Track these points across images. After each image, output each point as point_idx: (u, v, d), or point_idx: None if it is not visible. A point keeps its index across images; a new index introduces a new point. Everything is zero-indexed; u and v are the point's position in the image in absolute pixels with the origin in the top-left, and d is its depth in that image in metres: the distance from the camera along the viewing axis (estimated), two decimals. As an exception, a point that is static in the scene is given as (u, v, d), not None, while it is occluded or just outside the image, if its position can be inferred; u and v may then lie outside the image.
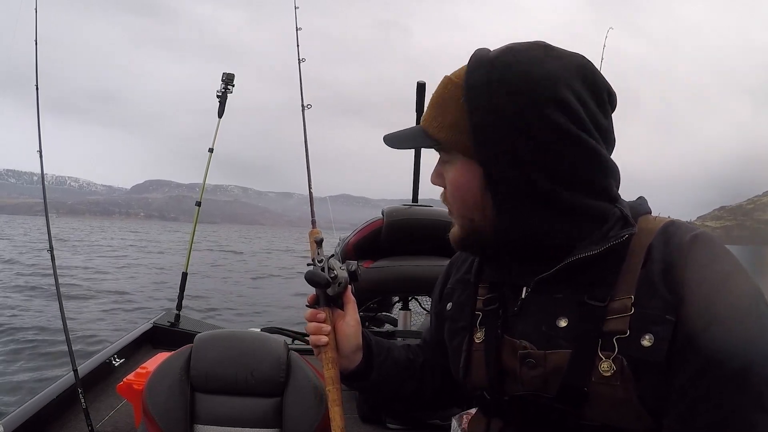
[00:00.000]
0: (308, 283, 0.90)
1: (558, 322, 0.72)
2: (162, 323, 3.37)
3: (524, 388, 0.74)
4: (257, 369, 1.49)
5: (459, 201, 0.79)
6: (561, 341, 0.71)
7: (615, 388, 0.66)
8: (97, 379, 2.53)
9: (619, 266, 0.70)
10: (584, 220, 0.73)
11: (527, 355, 0.74)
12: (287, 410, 1.47)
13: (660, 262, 0.67)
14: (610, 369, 0.66)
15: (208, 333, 1.58)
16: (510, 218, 0.74)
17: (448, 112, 0.76)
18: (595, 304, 0.69)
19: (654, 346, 0.64)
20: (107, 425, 2.24)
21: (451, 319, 0.92)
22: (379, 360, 0.93)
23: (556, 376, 0.70)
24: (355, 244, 2.27)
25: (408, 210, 2.22)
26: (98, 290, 10.65)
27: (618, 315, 0.67)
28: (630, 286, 0.68)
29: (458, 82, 0.75)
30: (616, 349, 0.66)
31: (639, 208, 0.77)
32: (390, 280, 2.14)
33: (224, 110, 3.65)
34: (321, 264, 0.91)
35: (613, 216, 0.73)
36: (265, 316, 9.02)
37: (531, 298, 0.77)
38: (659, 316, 0.64)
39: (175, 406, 1.43)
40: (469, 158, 0.75)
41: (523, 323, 0.77)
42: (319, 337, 0.88)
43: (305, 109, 1.97)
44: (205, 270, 16.26)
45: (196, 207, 3.84)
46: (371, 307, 2.41)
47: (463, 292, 0.91)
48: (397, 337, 2.08)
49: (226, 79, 3.61)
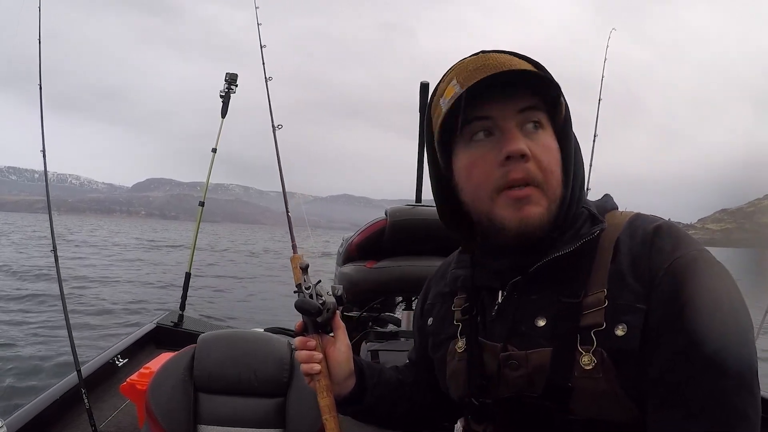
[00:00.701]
0: (299, 311, 0.89)
1: (536, 322, 0.73)
2: (165, 323, 3.37)
3: (509, 390, 0.74)
4: (260, 369, 1.48)
5: (553, 174, 0.71)
6: (541, 340, 0.71)
7: (597, 380, 0.66)
8: (100, 379, 2.54)
9: (590, 263, 0.71)
10: (567, 220, 0.75)
11: (509, 357, 0.74)
12: (290, 411, 1.46)
13: (627, 255, 0.69)
14: (591, 362, 0.67)
15: (212, 333, 1.58)
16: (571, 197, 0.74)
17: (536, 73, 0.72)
18: (570, 301, 0.70)
19: (627, 335, 0.65)
20: (110, 425, 2.24)
21: (433, 333, 0.92)
22: (372, 383, 0.93)
23: (539, 375, 0.71)
24: (359, 244, 2.27)
25: (411, 210, 2.22)
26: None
27: (593, 309, 0.68)
28: (602, 280, 0.69)
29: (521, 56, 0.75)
30: (595, 343, 0.67)
31: (605, 205, 0.79)
32: (393, 280, 2.14)
33: (227, 110, 3.65)
34: (309, 291, 0.90)
35: (581, 216, 0.75)
36: (269, 317, 9.02)
37: (507, 302, 0.77)
38: (630, 305, 0.66)
39: (179, 407, 1.43)
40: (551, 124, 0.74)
41: (501, 326, 0.77)
42: (311, 366, 0.87)
43: (276, 130, 1.88)
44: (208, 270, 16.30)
45: (199, 207, 3.84)
46: (374, 308, 2.40)
47: (443, 306, 0.92)
48: (401, 337, 2.08)
49: (229, 79, 3.61)
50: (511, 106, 0.70)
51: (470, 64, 0.73)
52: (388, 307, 2.69)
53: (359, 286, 2.18)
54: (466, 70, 0.72)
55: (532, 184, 0.70)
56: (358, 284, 2.18)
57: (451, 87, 0.73)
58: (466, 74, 0.71)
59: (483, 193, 0.73)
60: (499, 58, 0.71)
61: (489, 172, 0.71)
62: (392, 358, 1.84)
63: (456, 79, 0.72)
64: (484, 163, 0.72)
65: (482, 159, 0.72)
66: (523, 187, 0.69)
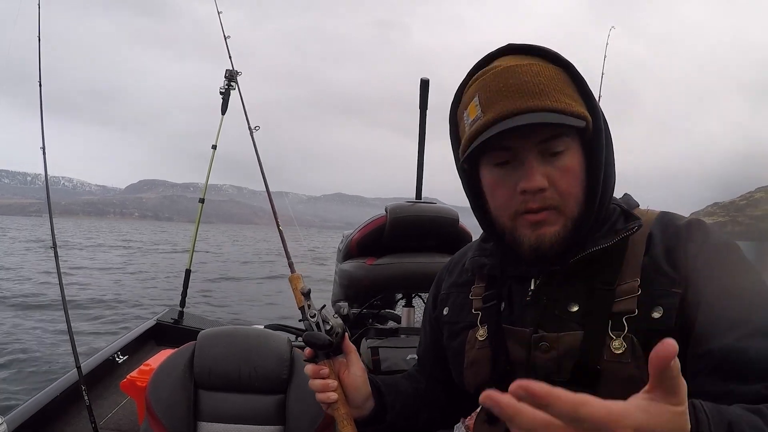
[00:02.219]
0: (309, 346, 0.87)
1: (570, 307, 0.75)
2: (165, 320, 3.37)
3: (537, 375, 0.75)
4: (261, 366, 1.48)
5: (571, 195, 0.74)
6: (573, 324, 0.74)
7: (626, 365, 0.68)
8: (100, 376, 2.54)
9: (622, 255, 0.75)
10: (600, 214, 0.78)
11: (541, 339, 0.75)
12: (290, 407, 1.46)
13: (661, 247, 0.74)
14: (621, 346, 0.69)
15: (212, 330, 1.58)
16: (597, 210, 0.76)
17: (565, 88, 0.73)
18: (604, 288, 0.73)
19: (663, 316, 0.69)
20: (111, 422, 2.25)
21: (449, 322, 0.92)
22: (390, 400, 0.92)
23: (569, 359, 0.73)
24: (359, 241, 2.26)
25: (411, 207, 2.21)
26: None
27: (626, 296, 0.71)
28: (635, 271, 0.73)
29: (549, 66, 0.74)
30: (626, 328, 0.70)
31: (630, 202, 0.84)
32: (393, 276, 2.13)
33: (227, 107, 3.64)
34: (314, 318, 0.87)
35: (614, 212, 0.80)
36: (269, 313, 9.02)
37: (541, 289, 0.79)
38: (665, 290, 0.70)
39: (179, 403, 1.42)
40: (579, 138, 0.75)
41: (533, 312, 0.79)
42: (327, 395, 0.85)
43: (254, 132, 1.85)
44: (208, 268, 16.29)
45: (199, 204, 3.84)
46: (374, 304, 2.40)
47: (459, 295, 0.92)
48: (401, 334, 2.08)
49: (229, 76, 3.59)
50: (533, 138, 0.72)
51: (493, 81, 0.73)
52: (388, 303, 2.69)
53: (359, 283, 2.18)
54: (488, 89, 0.73)
55: (548, 209, 0.74)
56: (359, 281, 2.17)
57: (473, 106, 0.75)
58: (488, 95, 0.73)
59: (505, 213, 0.78)
60: (523, 78, 0.72)
61: (509, 197, 0.76)
62: (392, 355, 1.84)
63: (479, 97, 0.74)
64: (505, 188, 0.76)
65: (503, 184, 0.76)
66: (539, 212, 0.74)
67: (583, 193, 0.75)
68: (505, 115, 0.70)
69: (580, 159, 0.75)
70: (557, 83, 0.73)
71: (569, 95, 0.73)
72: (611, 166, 0.78)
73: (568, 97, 0.72)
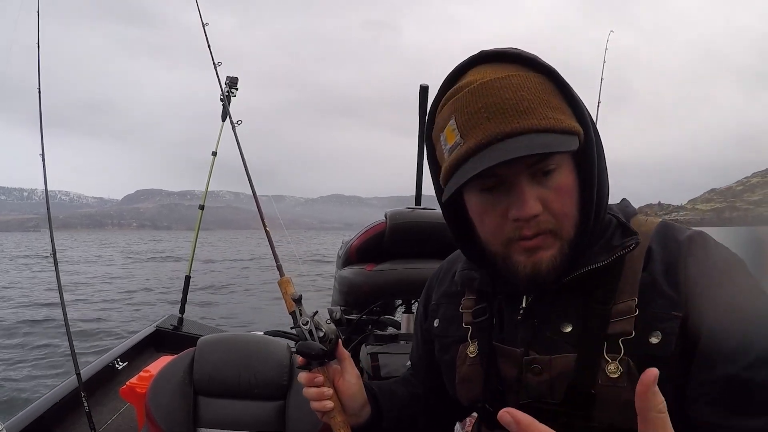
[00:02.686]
0: (302, 356, 0.85)
1: (562, 327, 0.71)
2: (165, 326, 3.37)
3: (529, 396, 0.73)
4: (260, 372, 1.48)
5: (566, 216, 0.69)
6: (566, 345, 0.70)
7: (622, 390, 0.65)
8: (100, 382, 2.54)
9: (620, 271, 0.70)
10: (596, 228, 0.73)
11: (532, 361, 0.73)
12: (290, 413, 1.46)
13: (660, 263, 0.69)
14: (617, 371, 0.66)
15: (211, 336, 1.58)
16: (592, 226, 0.71)
17: (551, 99, 0.67)
18: (599, 308, 0.69)
19: (662, 341, 0.64)
20: (110, 429, 2.24)
21: (439, 335, 0.90)
22: (387, 405, 0.92)
23: (561, 381, 0.70)
24: (358, 247, 2.27)
25: (411, 213, 2.22)
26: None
27: (622, 317, 0.67)
28: (633, 289, 0.68)
29: (524, 72, 0.68)
30: (622, 351, 0.66)
31: (628, 210, 0.78)
32: (393, 282, 2.13)
33: (227, 114, 3.65)
34: (307, 326, 0.86)
35: (610, 224, 0.74)
36: (269, 319, 8.99)
37: (533, 307, 0.75)
38: (666, 313, 0.65)
39: (178, 410, 1.42)
40: (570, 154, 0.68)
41: (524, 331, 0.75)
42: (323, 404, 0.83)
43: (236, 126, 1.79)
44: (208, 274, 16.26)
45: (199, 210, 3.84)
46: (374, 310, 2.40)
47: (449, 306, 0.89)
48: (401, 340, 2.08)
49: (229, 82, 3.61)
50: (520, 162, 0.65)
51: (470, 101, 0.67)
52: (388, 310, 2.69)
53: (359, 289, 2.18)
54: (465, 110, 0.67)
55: (543, 234, 0.68)
56: (358, 287, 2.18)
57: (450, 130, 0.69)
58: (465, 118, 0.67)
59: (496, 240, 0.71)
60: (503, 94, 0.65)
61: (501, 224, 0.70)
62: (392, 361, 1.84)
63: (455, 120, 0.68)
64: (495, 215, 0.70)
65: (493, 211, 0.70)
66: (533, 238, 0.68)
67: (578, 211, 0.70)
68: (487, 141, 0.64)
69: (573, 174, 0.69)
70: (542, 95, 0.66)
71: (556, 107, 0.67)
72: (604, 173, 0.73)
73: (556, 110, 0.66)
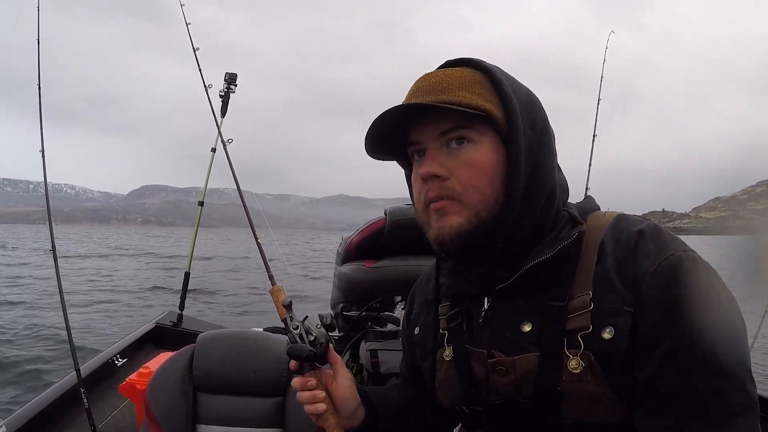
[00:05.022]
0: (291, 359, 0.87)
1: (522, 327, 0.73)
2: (164, 323, 3.37)
3: (499, 397, 0.75)
4: (260, 369, 1.48)
5: (475, 188, 0.72)
6: (527, 345, 0.72)
7: (586, 383, 0.67)
8: (99, 379, 2.53)
9: (574, 265, 0.71)
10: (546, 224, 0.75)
11: (496, 363, 0.74)
12: (290, 410, 1.46)
13: (612, 257, 0.69)
14: (579, 366, 0.67)
15: (211, 333, 1.58)
16: (520, 209, 0.72)
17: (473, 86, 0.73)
18: (556, 305, 0.70)
19: (615, 337, 0.65)
20: (110, 425, 2.24)
21: (419, 342, 0.92)
22: (382, 408, 0.93)
23: (527, 381, 0.71)
24: (358, 243, 2.27)
25: (410, 209, 2.21)
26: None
27: (579, 312, 0.68)
28: (587, 283, 0.69)
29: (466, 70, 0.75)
30: (582, 346, 0.67)
31: (587, 206, 0.80)
32: (392, 279, 2.14)
33: (227, 110, 3.65)
34: (297, 330, 0.87)
35: (562, 219, 0.76)
36: (268, 316, 9.01)
37: (493, 308, 0.77)
38: (617, 308, 0.66)
39: (178, 406, 1.43)
40: (495, 135, 0.73)
41: (488, 333, 0.77)
42: (316, 406, 0.85)
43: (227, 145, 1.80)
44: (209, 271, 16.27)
45: (198, 207, 3.84)
46: (374, 307, 2.40)
47: (428, 314, 0.91)
48: (400, 337, 2.08)
49: (228, 78, 3.61)
50: (432, 131, 0.74)
51: (416, 84, 0.77)
52: (388, 306, 2.69)
53: (358, 286, 2.18)
54: (411, 90, 0.77)
55: (447, 198, 0.73)
56: (358, 284, 2.18)
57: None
58: (409, 95, 0.76)
59: (419, 206, 0.79)
60: (433, 80, 0.74)
61: (419, 189, 0.77)
62: (392, 357, 1.85)
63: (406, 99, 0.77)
64: (416, 181, 0.77)
65: (415, 177, 0.78)
66: (438, 201, 0.74)
67: (499, 192, 0.72)
68: (404, 108, 0.73)
69: (496, 155, 0.72)
70: (465, 83, 0.73)
71: (478, 93, 0.72)
72: (546, 170, 0.74)
73: (474, 94, 0.72)
